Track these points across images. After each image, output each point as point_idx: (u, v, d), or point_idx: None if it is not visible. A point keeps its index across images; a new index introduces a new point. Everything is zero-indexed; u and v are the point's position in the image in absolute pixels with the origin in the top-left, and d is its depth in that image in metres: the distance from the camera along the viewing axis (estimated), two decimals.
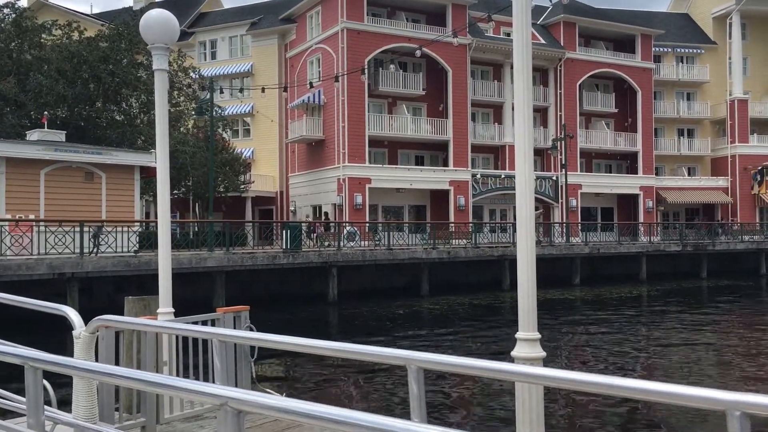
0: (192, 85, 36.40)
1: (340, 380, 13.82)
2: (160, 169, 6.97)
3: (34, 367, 3.21)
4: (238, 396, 2.43)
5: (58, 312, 4.89)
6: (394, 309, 25.67)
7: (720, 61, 54.51)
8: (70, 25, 33.40)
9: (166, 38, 6.94)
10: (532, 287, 4.38)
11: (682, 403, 2.37)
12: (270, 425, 6.02)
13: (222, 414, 2.51)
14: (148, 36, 6.92)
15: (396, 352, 3.34)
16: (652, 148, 49.81)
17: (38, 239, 21.67)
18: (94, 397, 4.42)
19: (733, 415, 2.10)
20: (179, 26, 7.27)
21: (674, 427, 10.26)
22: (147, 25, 6.87)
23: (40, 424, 3.27)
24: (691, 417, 10.46)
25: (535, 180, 4.40)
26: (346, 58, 38.01)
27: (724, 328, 21.99)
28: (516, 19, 4.46)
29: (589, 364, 15.66)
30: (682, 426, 10.24)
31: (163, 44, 6.92)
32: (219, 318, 6.73)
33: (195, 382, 2.75)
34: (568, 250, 35.66)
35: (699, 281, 38.23)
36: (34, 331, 10.98)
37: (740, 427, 2.08)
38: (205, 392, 2.57)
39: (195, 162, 33.32)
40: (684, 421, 10.40)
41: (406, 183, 39.59)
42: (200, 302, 20.22)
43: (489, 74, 44.96)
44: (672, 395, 2.44)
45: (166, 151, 7.03)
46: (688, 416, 10.49)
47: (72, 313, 4.75)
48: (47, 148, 23.44)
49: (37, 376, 3.22)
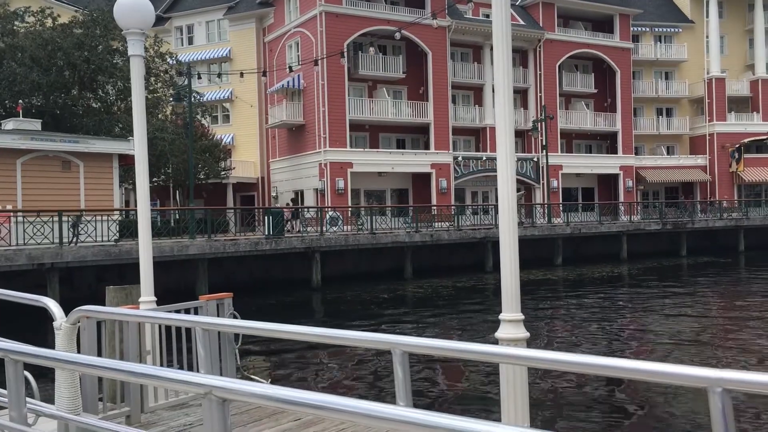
0: (169, 71, 35.97)
1: (325, 366, 13.85)
2: (138, 156, 6.89)
3: (15, 359, 3.17)
4: (222, 384, 2.42)
5: (38, 303, 4.84)
6: (378, 293, 25.73)
7: (697, 39, 54.81)
8: (43, 11, 32.83)
9: (141, 23, 6.84)
10: (515, 269, 4.39)
11: (664, 380, 2.39)
12: (255, 412, 6.03)
13: (207, 403, 2.50)
14: (122, 21, 6.82)
15: (380, 337, 3.34)
16: (631, 127, 50.12)
17: (16, 230, 21.40)
18: (77, 388, 4.38)
19: (714, 392, 2.12)
20: (155, 11, 7.16)
21: (657, 404, 10.40)
22: (121, 10, 6.77)
23: (22, 416, 3.24)
24: (674, 395, 10.61)
25: (516, 162, 4.40)
26: (325, 41, 37.74)
27: (705, 305, 22.30)
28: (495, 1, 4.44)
29: (572, 343, 15.82)
30: (665, 404, 10.39)
31: (138, 29, 6.82)
32: (202, 306, 6.70)
33: (179, 372, 2.73)
34: (549, 230, 35.89)
35: (679, 259, 38.69)
36: (13, 322, 10.86)
37: (722, 404, 2.10)
38: (189, 381, 2.56)
39: (174, 149, 33.02)
40: (666, 399, 10.55)
41: (387, 167, 39.54)
42: (183, 290, 20.14)
43: (469, 56, 44.88)
44: (654, 373, 2.46)
45: (144, 138, 6.95)
46: (670, 394, 10.65)
47: (52, 305, 4.70)
48: (23, 137, 23.10)
49: (17, 368, 3.18)
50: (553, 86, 46.62)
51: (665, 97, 54.37)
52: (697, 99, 54.52)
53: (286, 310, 22.25)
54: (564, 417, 9.90)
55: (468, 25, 42.43)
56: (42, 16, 32.51)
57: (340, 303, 24.08)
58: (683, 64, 54.84)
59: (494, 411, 9.23)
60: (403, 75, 41.15)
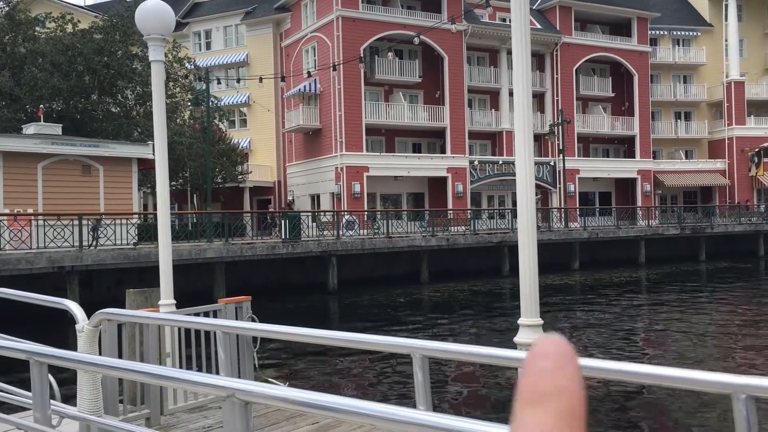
0: (188, 76, 36.26)
1: (341, 370, 13.86)
2: (158, 159, 6.95)
3: (39, 361, 3.21)
4: (245, 387, 2.43)
5: (60, 306, 4.90)
6: (395, 297, 25.72)
7: (716, 43, 54.35)
8: (63, 17, 33.21)
9: (162, 29, 6.91)
10: (533, 274, 4.39)
11: (688, 387, 2.38)
12: (273, 415, 6.05)
13: (229, 405, 2.52)
14: (144, 27, 6.89)
15: (400, 341, 3.35)
16: (649, 131, 49.76)
17: (37, 233, 21.66)
18: (98, 390, 4.43)
19: (738, 399, 2.11)
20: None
21: (676, 411, 10.31)
22: (142, 16, 6.84)
23: (46, 418, 3.28)
24: (696, 401, 10.51)
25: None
26: (342, 46, 37.85)
27: (725, 311, 22.06)
28: (514, 5, 4.44)
29: (591, 349, 15.71)
30: (685, 410, 10.29)
31: (159, 35, 6.89)
32: (221, 309, 6.74)
33: (201, 374, 2.76)
34: (566, 235, 35.70)
35: (698, 264, 38.32)
36: (33, 325, 10.98)
37: (746, 410, 2.09)
38: (211, 384, 2.58)
39: (192, 153, 33.26)
40: (688, 406, 10.46)
41: (403, 171, 39.54)
42: (200, 293, 20.25)
43: (485, 60, 44.81)
44: (677, 379, 2.45)
45: (164, 142, 7.01)
46: (692, 400, 10.54)
47: (75, 307, 4.75)
48: (44, 142, 23.38)
49: (42, 370, 3.23)
50: (570, 90, 46.41)
51: (683, 100, 53.94)
52: (716, 102, 54.03)
53: (303, 313, 22.30)
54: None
55: (484, 29, 42.39)
56: (62, 22, 32.88)
57: (357, 307, 24.09)
58: (702, 68, 54.38)
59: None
60: (419, 79, 41.16)
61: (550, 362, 0.26)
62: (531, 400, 0.27)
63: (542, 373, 0.27)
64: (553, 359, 0.26)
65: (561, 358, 0.27)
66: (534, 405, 0.27)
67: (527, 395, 0.27)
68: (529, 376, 0.27)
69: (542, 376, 0.27)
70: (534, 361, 0.27)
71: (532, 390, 0.27)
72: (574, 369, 0.26)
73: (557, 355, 0.26)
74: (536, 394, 0.27)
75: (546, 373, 0.27)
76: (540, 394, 0.27)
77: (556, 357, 0.26)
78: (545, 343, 0.27)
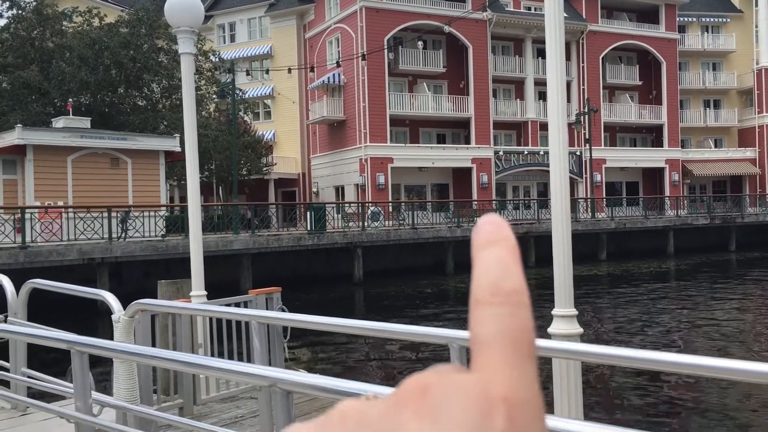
0: (213, 69, 36.46)
1: (370, 360, 13.90)
2: (188, 151, 7.00)
3: (80, 351, 3.25)
4: (286, 377, 2.44)
5: (98, 297, 4.96)
6: (421, 288, 25.71)
7: (746, 29, 53.29)
8: (90, 11, 33.56)
9: (191, 21, 6.94)
10: (568, 264, 4.34)
11: (725, 376, 2.33)
12: (306, 404, 6.08)
13: (268, 395, 2.53)
14: (173, 20, 6.92)
15: (437, 331, 3.32)
16: (677, 120, 49.02)
17: (67, 225, 21.98)
18: (135, 380, 4.49)
19: None
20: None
21: (709, 400, 10.18)
22: (172, 8, 6.87)
23: (88, 406, 3.32)
24: (729, 390, 10.37)
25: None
26: (366, 37, 37.77)
27: (758, 301, 21.74)
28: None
29: (622, 339, 15.57)
30: (719, 399, 10.16)
31: (188, 27, 6.92)
32: (251, 300, 6.79)
33: (243, 364, 2.77)
34: (593, 225, 35.37)
35: (728, 254, 37.75)
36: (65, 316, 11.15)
37: None
38: (253, 374, 2.59)
39: (218, 145, 33.50)
40: (721, 394, 10.32)
41: (428, 162, 39.42)
42: (227, 285, 20.40)
43: (510, 49, 44.41)
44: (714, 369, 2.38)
45: (194, 133, 7.06)
46: (725, 389, 10.40)
47: (111, 298, 4.81)
48: (73, 135, 23.68)
49: (83, 360, 3.27)
50: (596, 79, 45.86)
51: (713, 88, 53.02)
52: (746, 90, 53.04)
53: (329, 304, 22.39)
54: (614, 410, 9.76)
55: (509, 18, 42.00)
56: (89, 16, 33.24)
57: (383, 298, 24.12)
58: (732, 55, 53.39)
59: (546, 405, 9.13)
60: (443, 69, 40.95)
61: (495, 223, 0.34)
62: (487, 243, 0.34)
63: (490, 227, 0.34)
64: (496, 222, 0.34)
65: (500, 221, 0.34)
66: (490, 246, 0.34)
67: (482, 243, 0.34)
68: (480, 233, 0.34)
69: (490, 230, 0.34)
70: (483, 225, 0.34)
71: (486, 239, 0.34)
72: (509, 226, 0.34)
73: (497, 219, 0.34)
74: (490, 240, 0.34)
75: (494, 227, 0.34)
76: (493, 240, 0.34)
77: (497, 219, 0.34)
78: (486, 216, 0.35)
